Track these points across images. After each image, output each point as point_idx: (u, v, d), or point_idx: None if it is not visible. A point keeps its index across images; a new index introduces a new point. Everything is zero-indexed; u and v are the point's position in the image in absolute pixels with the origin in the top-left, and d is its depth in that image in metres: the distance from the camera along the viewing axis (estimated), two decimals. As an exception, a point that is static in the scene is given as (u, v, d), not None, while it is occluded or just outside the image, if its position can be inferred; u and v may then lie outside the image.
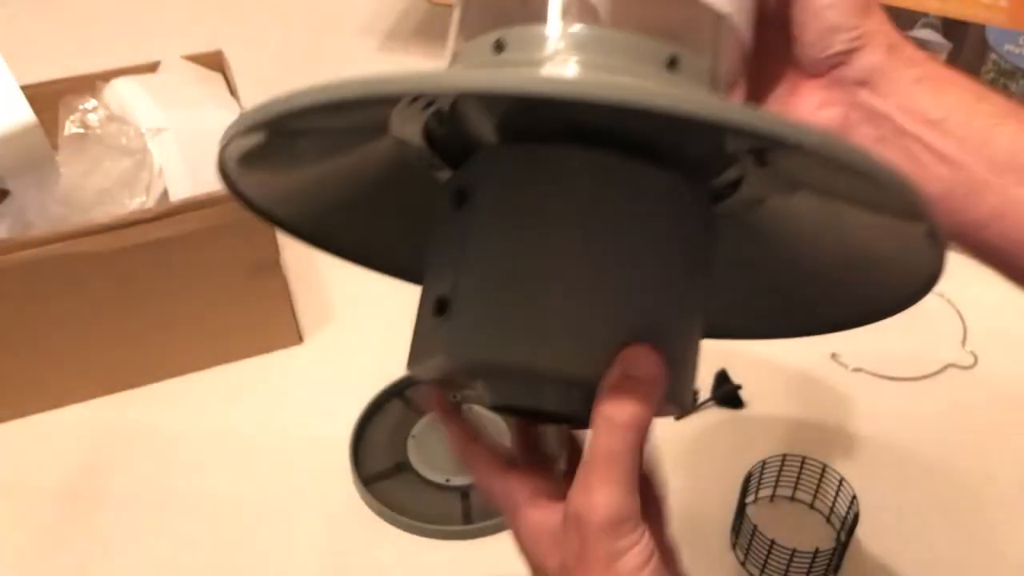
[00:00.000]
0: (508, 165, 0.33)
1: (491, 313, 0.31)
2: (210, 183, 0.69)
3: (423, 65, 1.15)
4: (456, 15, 0.34)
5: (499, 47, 0.31)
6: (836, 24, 0.34)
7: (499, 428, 0.66)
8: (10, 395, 0.69)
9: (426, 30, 1.26)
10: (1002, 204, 0.34)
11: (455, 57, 0.33)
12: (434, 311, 0.32)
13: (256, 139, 0.31)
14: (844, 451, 0.65)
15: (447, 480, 0.63)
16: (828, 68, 0.36)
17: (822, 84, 0.36)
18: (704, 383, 0.71)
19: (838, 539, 0.59)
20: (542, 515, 0.33)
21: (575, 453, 0.38)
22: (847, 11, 0.34)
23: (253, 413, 0.70)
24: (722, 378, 0.71)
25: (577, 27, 0.31)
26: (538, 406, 0.33)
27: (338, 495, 0.64)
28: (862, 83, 0.35)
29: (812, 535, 0.60)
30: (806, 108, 0.37)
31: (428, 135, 0.35)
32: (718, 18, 0.33)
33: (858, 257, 0.37)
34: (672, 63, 0.30)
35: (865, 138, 0.36)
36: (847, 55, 0.35)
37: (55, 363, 0.69)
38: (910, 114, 0.34)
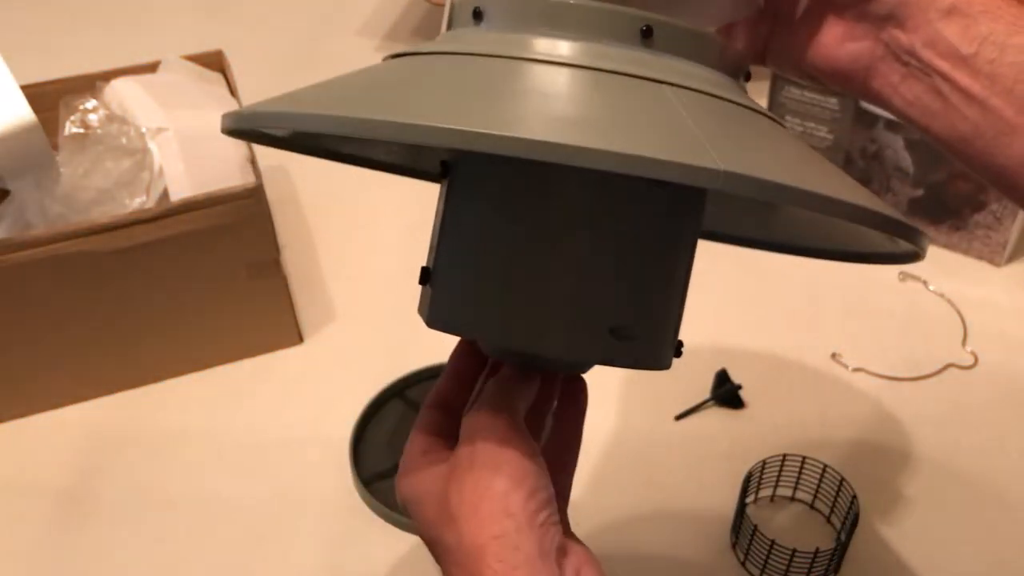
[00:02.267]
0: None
1: (458, 291, 0.33)
2: (210, 183, 0.69)
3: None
4: None
5: (478, 16, 0.32)
6: None
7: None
8: (10, 395, 0.69)
9: (426, 30, 1.26)
10: None
11: (448, 14, 0.34)
12: (420, 279, 0.35)
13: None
14: (844, 451, 0.65)
15: (447, 480, 0.63)
16: (854, 1, 0.34)
17: (849, 16, 0.35)
18: (704, 383, 0.71)
19: (838, 539, 0.59)
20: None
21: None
22: None
23: (253, 413, 0.70)
24: (722, 378, 0.71)
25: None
26: (534, 352, 0.34)
27: (338, 495, 0.64)
28: (889, 17, 0.34)
29: (812, 535, 0.60)
30: (832, 40, 0.36)
31: None
32: None
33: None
34: (647, 32, 0.30)
35: (891, 74, 0.35)
36: None
37: (55, 363, 0.69)
38: (938, 50, 0.33)
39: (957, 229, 0.83)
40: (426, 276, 0.35)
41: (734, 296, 0.80)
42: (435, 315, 0.34)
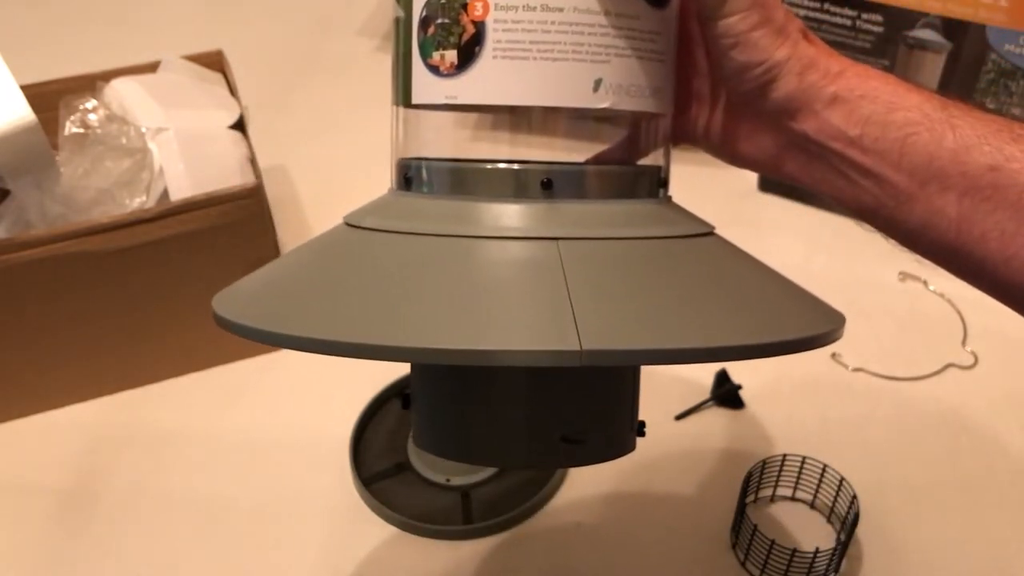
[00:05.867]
0: None
1: (430, 427, 0.39)
2: (210, 183, 0.69)
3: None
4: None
5: (408, 181, 0.36)
6: (743, 63, 0.35)
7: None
8: (10, 395, 0.69)
9: (426, 30, 1.25)
10: (928, 214, 0.35)
11: (394, 171, 0.38)
12: (402, 404, 0.41)
13: None
14: (844, 451, 0.65)
15: (447, 480, 0.63)
16: (750, 101, 0.37)
17: (751, 113, 0.38)
18: (704, 383, 0.71)
19: (838, 539, 0.59)
20: None
21: None
22: (753, 49, 0.35)
23: (253, 413, 0.70)
24: (722, 378, 0.71)
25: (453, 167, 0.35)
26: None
27: (338, 495, 0.64)
28: (782, 112, 0.36)
29: (812, 535, 0.60)
30: (740, 136, 0.39)
31: None
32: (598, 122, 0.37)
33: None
34: (547, 184, 0.34)
35: (797, 159, 0.38)
36: (762, 89, 0.36)
37: (55, 363, 0.69)
38: (830, 135, 0.36)
39: (957, 229, 0.83)
40: (407, 403, 0.41)
41: (734, 296, 0.80)
42: (418, 440, 0.40)
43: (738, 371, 0.71)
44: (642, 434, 0.40)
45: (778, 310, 0.33)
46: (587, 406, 0.37)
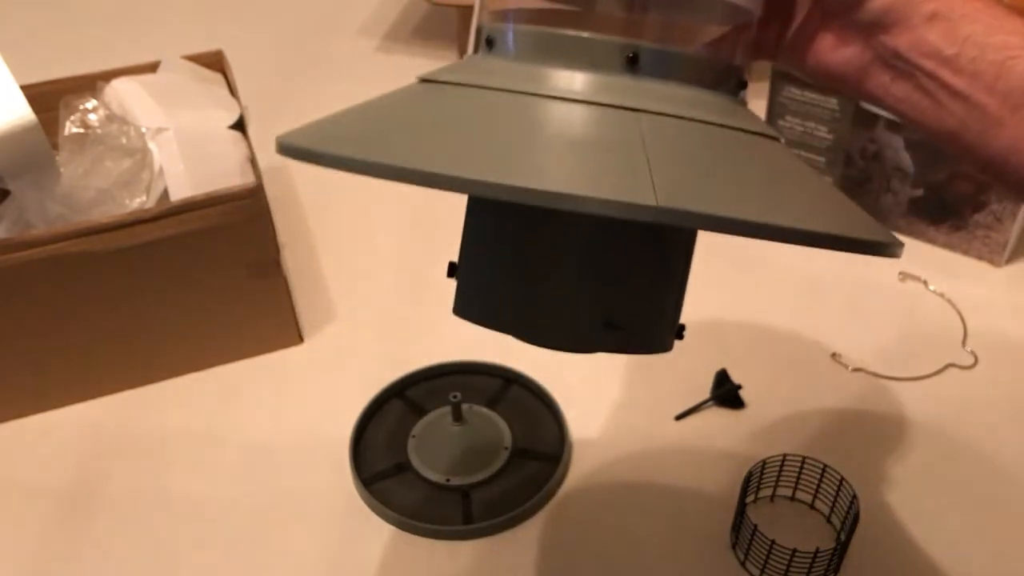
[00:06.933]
0: None
1: (472, 291, 0.39)
2: (210, 183, 0.69)
3: (423, 66, 1.15)
4: None
5: (490, 43, 0.36)
6: None
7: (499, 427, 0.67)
8: (10, 395, 0.69)
9: (426, 30, 1.26)
10: (1017, 139, 0.34)
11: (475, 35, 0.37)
12: (447, 272, 0.40)
13: None
14: (844, 451, 0.65)
15: (447, 480, 0.63)
16: (843, 10, 0.36)
17: (839, 25, 0.37)
18: (704, 383, 0.71)
19: (838, 539, 0.59)
20: None
21: None
22: None
23: (253, 413, 0.70)
24: (722, 378, 0.71)
25: (538, 32, 0.34)
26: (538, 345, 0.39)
27: (338, 495, 0.64)
28: (875, 24, 0.36)
29: (812, 535, 0.60)
30: (827, 47, 0.38)
31: None
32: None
33: None
34: (632, 59, 0.33)
35: (882, 75, 0.37)
36: None
37: (55, 363, 0.69)
38: (923, 52, 0.35)
39: (957, 229, 0.83)
40: (452, 271, 0.40)
41: (734, 296, 0.80)
42: (458, 307, 0.39)
43: (738, 371, 0.71)
44: (680, 337, 0.40)
45: (848, 213, 0.33)
46: (636, 291, 0.37)
